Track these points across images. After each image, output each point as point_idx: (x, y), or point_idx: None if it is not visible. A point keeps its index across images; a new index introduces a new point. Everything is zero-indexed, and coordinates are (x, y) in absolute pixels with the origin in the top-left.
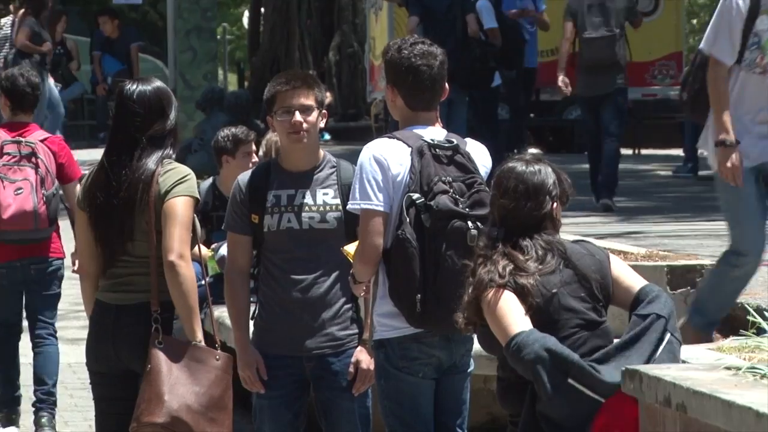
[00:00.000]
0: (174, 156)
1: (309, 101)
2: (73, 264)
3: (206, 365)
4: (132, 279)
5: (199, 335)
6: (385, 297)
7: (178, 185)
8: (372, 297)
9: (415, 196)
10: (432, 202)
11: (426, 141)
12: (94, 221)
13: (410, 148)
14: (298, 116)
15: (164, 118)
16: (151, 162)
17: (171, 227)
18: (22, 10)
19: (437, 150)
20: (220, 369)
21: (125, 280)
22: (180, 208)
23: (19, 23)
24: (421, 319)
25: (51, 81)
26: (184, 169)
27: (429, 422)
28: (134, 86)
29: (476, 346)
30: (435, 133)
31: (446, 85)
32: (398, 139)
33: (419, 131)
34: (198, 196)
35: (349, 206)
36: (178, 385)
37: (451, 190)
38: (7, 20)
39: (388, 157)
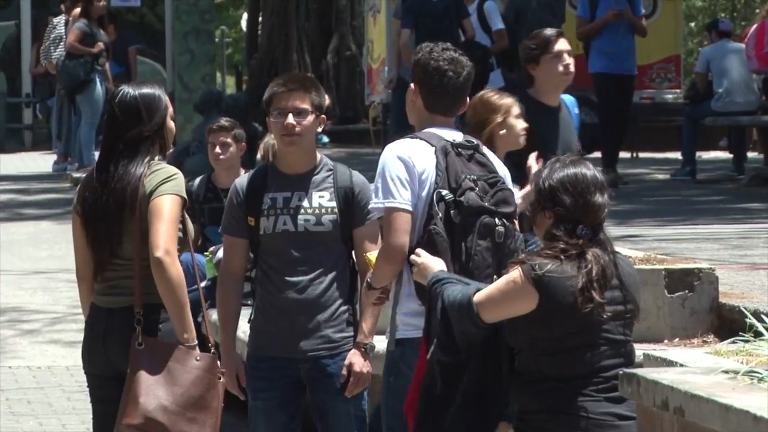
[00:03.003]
0: (164, 159)
1: (304, 104)
2: None
3: (185, 365)
4: (121, 282)
5: (189, 334)
6: (412, 296)
7: (164, 184)
8: (395, 296)
9: (444, 192)
10: (462, 198)
11: (448, 140)
12: (84, 224)
13: (434, 147)
14: (290, 118)
15: (140, 123)
16: (133, 167)
17: (156, 223)
18: (77, 10)
19: (459, 149)
20: (200, 369)
21: (115, 284)
22: (166, 205)
23: (71, 24)
24: None
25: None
26: (171, 170)
27: None
28: (121, 91)
29: None
30: (453, 134)
31: (467, 99)
32: (421, 138)
33: (437, 131)
34: (185, 196)
35: (372, 205)
36: (155, 386)
37: (477, 188)
38: (60, 19)
39: (412, 155)
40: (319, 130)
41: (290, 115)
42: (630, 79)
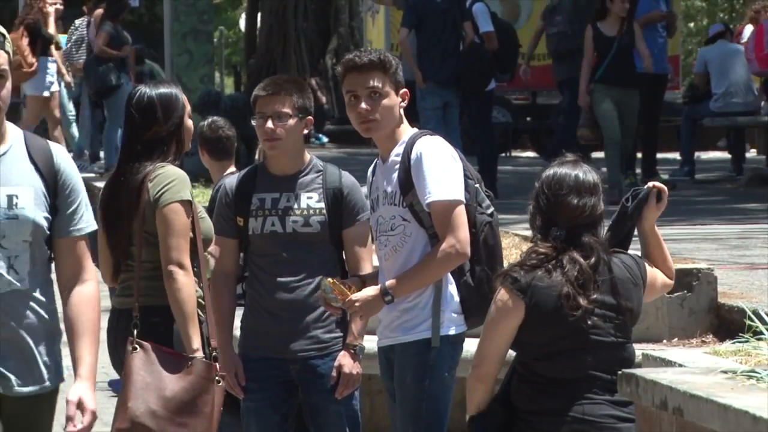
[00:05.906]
0: (176, 161)
1: (284, 108)
2: None
3: (178, 370)
4: (132, 284)
5: (195, 344)
6: (454, 293)
7: (165, 192)
8: (435, 294)
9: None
10: (487, 193)
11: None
12: (103, 225)
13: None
14: (269, 123)
15: (157, 124)
16: (144, 168)
17: (166, 238)
18: (101, 12)
19: None
20: (193, 374)
21: (128, 285)
22: (170, 216)
23: (97, 26)
24: None
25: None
26: (171, 173)
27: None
28: (138, 91)
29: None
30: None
31: None
32: (436, 135)
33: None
34: (188, 198)
35: (438, 197)
36: (145, 391)
37: None
38: (82, 21)
39: (453, 152)
40: (305, 132)
41: (269, 120)
42: (664, 78)
